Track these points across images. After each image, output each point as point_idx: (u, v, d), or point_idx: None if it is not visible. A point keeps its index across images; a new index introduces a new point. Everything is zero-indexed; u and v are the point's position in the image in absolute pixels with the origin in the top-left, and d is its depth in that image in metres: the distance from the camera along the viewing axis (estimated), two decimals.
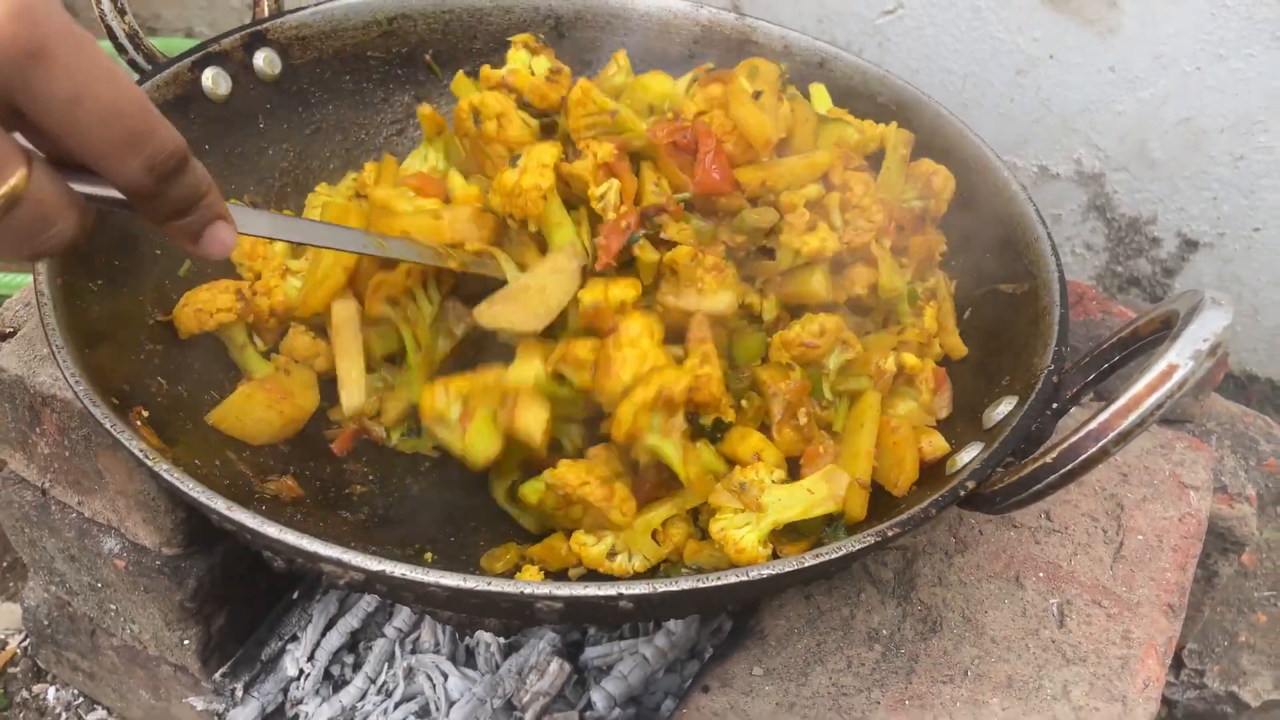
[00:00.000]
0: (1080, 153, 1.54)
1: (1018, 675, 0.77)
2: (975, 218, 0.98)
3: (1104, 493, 0.92)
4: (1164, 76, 1.43)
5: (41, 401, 0.95)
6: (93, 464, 0.97)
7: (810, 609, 0.81)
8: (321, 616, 1.13)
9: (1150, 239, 1.56)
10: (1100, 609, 0.82)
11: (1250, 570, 1.40)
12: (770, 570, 0.62)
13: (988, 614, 0.81)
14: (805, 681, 0.76)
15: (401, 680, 1.11)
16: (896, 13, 1.54)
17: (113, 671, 1.20)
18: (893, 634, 0.80)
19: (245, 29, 1.04)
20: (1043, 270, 0.87)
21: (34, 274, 0.76)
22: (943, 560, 0.85)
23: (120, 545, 1.02)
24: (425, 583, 0.59)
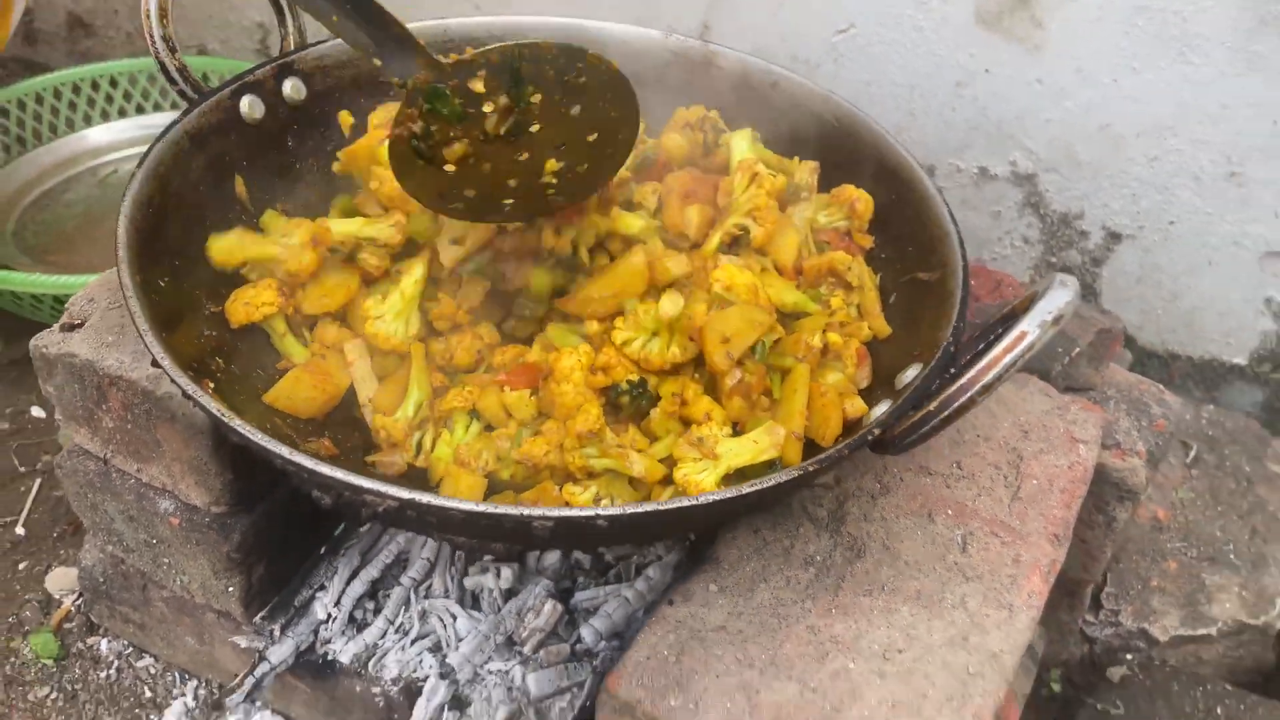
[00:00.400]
0: (1015, 155, 1.71)
1: (925, 590, 0.95)
2: (901, 218, 1.15)
3: (1007, 446, 1.09)
4: (1086, 88, 1.60)
5: (109, 382, 1.12)
6: (152, 435, 1.14)
7: (757, 540, 0.98)
8: (346, 568, 1.30)
9: (1079, 232, 1.74)
10: (996, 538, 1.00)
11: (1165, 524, 1.58)
12: (715, 496, 0.80)
13: (903, 543, 0.99)
14: (751, 596, 0.93)
15: (416, 621, 1.28)
16: (849, 32, 1.71)
17: (161, 621, 1.37)
18: (825, 560, 0.97)
19: (275, 60, 1.21)
20: (950, 260, 1.04)
21: (119, 270, 0.93)
22: (869, 501, 1.03)
23: (174, 505, 1.19)
24: (446, 507, 0.76)
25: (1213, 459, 1.67)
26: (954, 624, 0.92)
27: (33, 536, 1.59)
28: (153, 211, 1.02)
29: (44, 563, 1.55)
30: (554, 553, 1.32)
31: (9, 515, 1.62)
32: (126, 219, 0.97)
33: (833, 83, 1.76)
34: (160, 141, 1.05)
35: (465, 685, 1.22)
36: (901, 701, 0.85)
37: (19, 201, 2.00)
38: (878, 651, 0.89)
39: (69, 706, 1.39)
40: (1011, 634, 0.91)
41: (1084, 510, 1.24)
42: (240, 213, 1.16)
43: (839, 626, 0.91)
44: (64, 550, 1.57)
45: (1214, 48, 1.49)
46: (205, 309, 1.05)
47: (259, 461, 1.14)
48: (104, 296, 1.19)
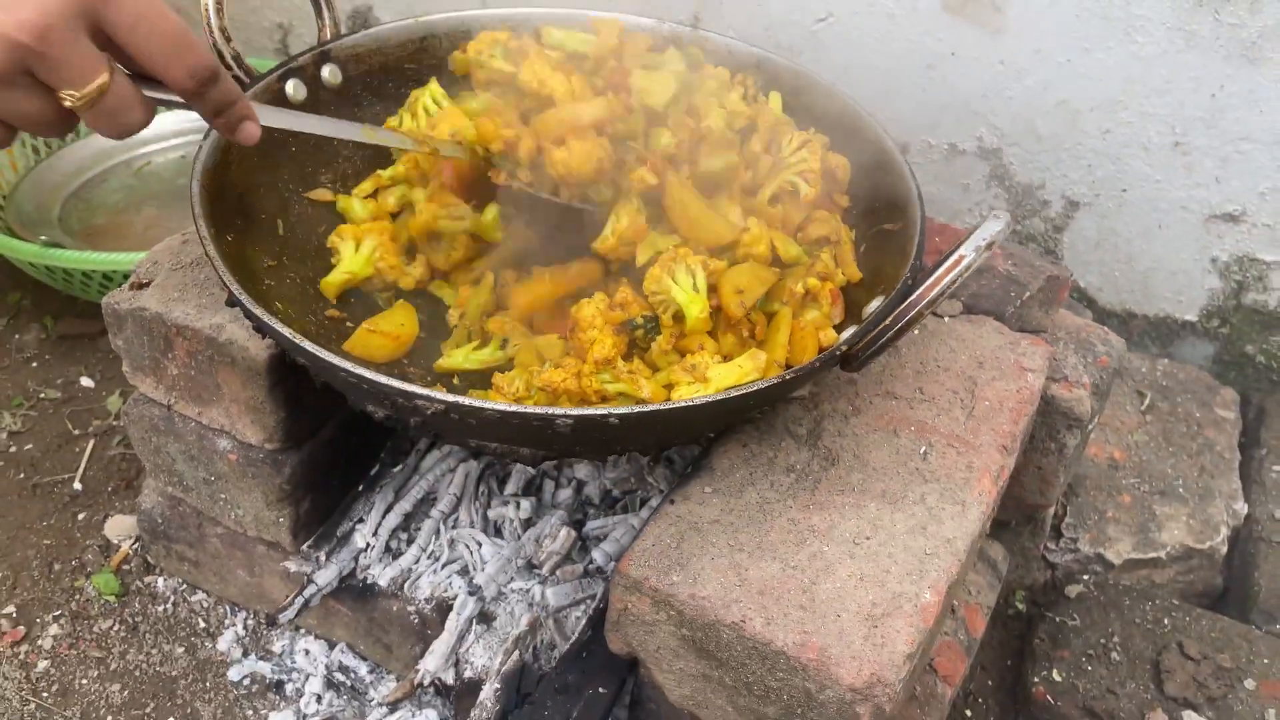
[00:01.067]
0: (981, 131, 1.87)
1: (890, 490, 1.10)
2: (871, 179, 1.31)
3: (964, 376, 1.25)
4: (1043, 67, 1.76)
5: (175, 332, 1.27)
6: (213, 379, 1.29)
7: (746, 453, 1.14)
8: (382, 503, 1.45)
9: (1041, 201, 1.90)
10: (953, 449, 1.15)
11: (1120, 464, 1.73)
12: (706, 399, 0.95)
13: (872, 453, 1.14)
14: (740, 496, 1.09)
15: (446, 549, 1.43)
16: (828, 20, 1.87)
17: (215, 557, 1.52)
18: (804, 468, 1.13)
19: (315, 49, 1.37)
20: (911, 213, 1.19)
21: (195, 223, 1.09)
22: (842, 420, 1.18)
23: (231, 444, 1.35)
24: (484, 408, 0.92)
25: (1166, 406, 1.83)
26: (914, 517, 1.07)
27: (89, 491, 1.74)
28: (217, 178, 1.17)
29: (101, 513, 1.71)
30: (567, 489, 1.48)
31: (66, 472, 1.77)
32: (198, 183, 1.13)
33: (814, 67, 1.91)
34: None
35: (491, 602, 1.37)
36: (868, 575, 1.01)
37: (62, 190, 2.15)
38: (848, 538, 1.04)
39: (131, 636, 1.54)
40: (964, 524, 1.07)
41: (1038, 438, 1.40)
42: (289, 179, 1.31)
43: (815, 519, 1.06)
44: (119, 502, 1.72)
45: (1155, 27, 1.65)
46: (264, 262, 1.21)
47: (308, 403, 1.31)
48: (168, 259, 1.34)
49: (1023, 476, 1.44)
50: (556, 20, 1.48)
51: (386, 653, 1.44)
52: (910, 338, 1.28)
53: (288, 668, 1.48)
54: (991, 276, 1.38)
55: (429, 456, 1.50)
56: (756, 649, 0.97)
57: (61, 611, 1.56)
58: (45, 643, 1.52)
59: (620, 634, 1.08)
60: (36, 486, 1.75)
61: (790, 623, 0.97)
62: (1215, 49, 1.64)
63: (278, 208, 1.28)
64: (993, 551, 1.51)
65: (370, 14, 2.29)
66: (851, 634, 0.96)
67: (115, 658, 1.51)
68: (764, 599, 0.98)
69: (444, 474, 1.48)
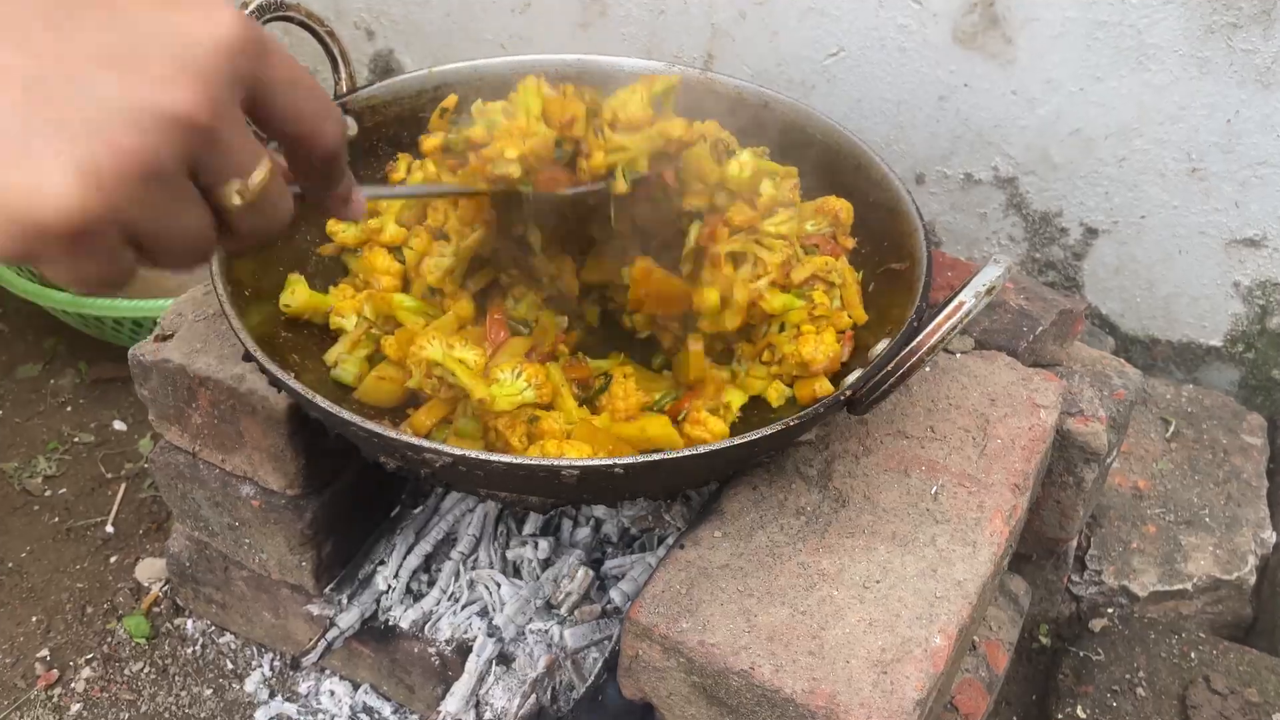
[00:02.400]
0: (996, 161, 1.87)
1: (900, 531, 1.10)
2: (878, 218, 1.32)
3: (976, 413, 1.25)
4: (1055, 96, 1.76)
5: (198, 383, 1.31)
6: (235, 428, 1.32)
7: (756, 495, 1.15)
8: (403, 545, 1.48)
9: (1059, 229, 1.89)
10: (964, 489, 1.15)
11: (1145, 493, 1.72)
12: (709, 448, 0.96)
13: (882, 494, 1.14)
14: (750, 540, 1.09)
15: (466, 589, 1.45)
16: (839, 55, 1.88)
17: (241, 599, 1.55)
18: (814, 510, 1.13)
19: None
20: (916, 252, 1.20)
21: (213, 283, 1.12)
22: (853, 461, 1.19)
23: (254, 490, 1.37)
24: (490, 460, 0.93)
25: (1191, 433, 1.81)
26: (924, 559, 1.07)
27: (121, 534, 1.78)
28: None
29: (132, 556, 1.74)
30: (585, 528, 1.49)
31: (99, 515, 1.81)
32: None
33: (827, 101, 1.93)
34: None
35: (510, 643, 1.39)
36: (878, 620, 1.01)
37: None
38: (858, 581, 1.05)
39: (160, 679, 1.57)
40: (975, 566, 1.07)
41: (1055, 473, 1.39)
42: (305, 232, 1.34)
43: (825, 562, 1.06)
44: (149, 545, 1.76)
45: (1167, 55, 1.65)
46: (281, 316, 1.24)
47: (328, 450, 1.33)
48: (190, 311, 1.38)
49: (1042, 510, 1.43)
50: (567, 66, 1.52)
51: (409, 693, 1.46)
52: (921, 375, 1.28)
53: (313, 709, 1.50)
54: (1004, 311, 1.38)
55: (449, 497, 1.52)
56: (765, 696, 0.97)
57: (94, 654, 1.60)
58: (78, 685, 1.55)
59: (633, 680, 1.09)
60: (70, 530, 1.79)
61: (799, 669, 0.97)
62: (1229, 75, 1.63)
63: (295, 261, 1.32)
64: (1014, 585, 1.50)
65: (392, 57, 2.33)
66: (860, 680, 0.96)
67: (145, 700, 1.54)
68: (773, 645, 0.99)
69: (463, 514, 1.50)
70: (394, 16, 2.27)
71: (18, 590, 1.69)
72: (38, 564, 1.73)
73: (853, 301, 1.24)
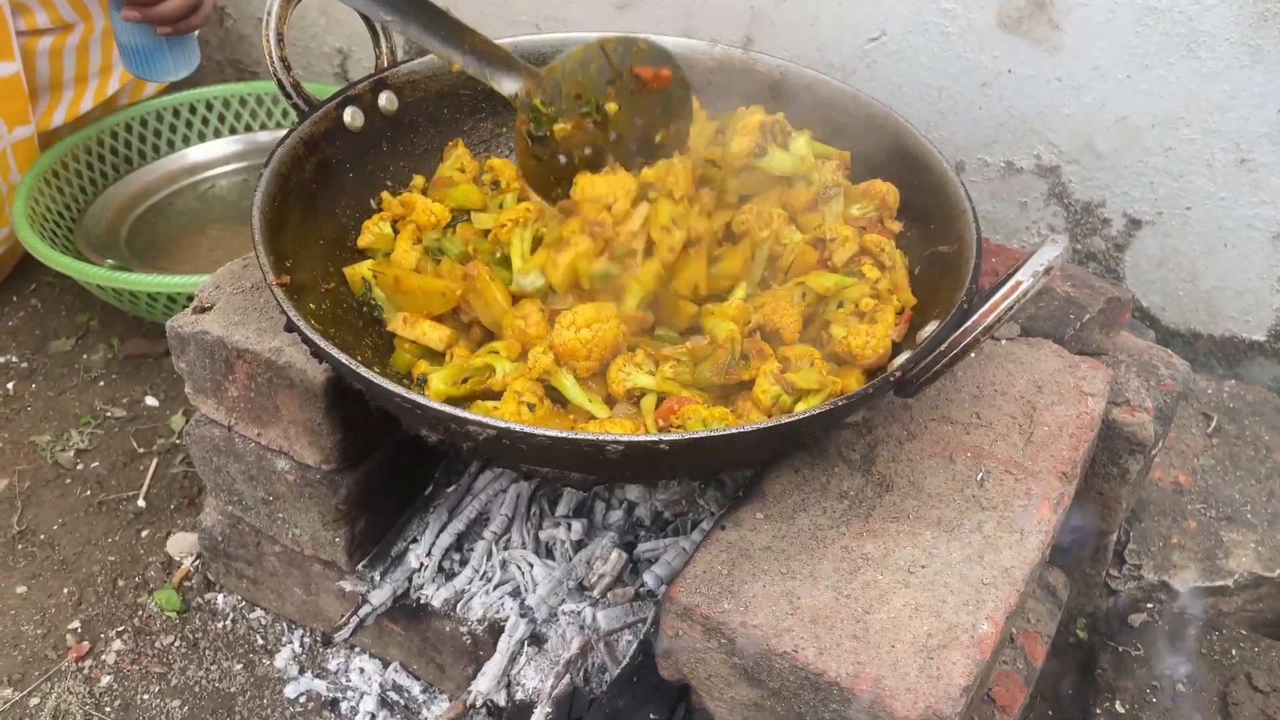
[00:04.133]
0: (1039, 149, 1.84)
1: (945, 517, 1.08)
2: (925, 200, 1.30)
3: (1022, 400, 1.23)
4: (1102, 83, 1.73)
5: (236, 355, 1.30)
6: (271, 401, 1.32)
7: (798, 478, 1.13)
8: (435, 523, 1.47)
9: (1102, 220, 1.86)
10: (1010, 475, 1.13)
11: (1185, 488, 1.69)
12: (756, 426, 0.95)
13: (927, 479, 1.13)
14: (793, 522, 1.08)
15: (498, 569, 1.44)
16: (880, 39, 1.86)
17: (273, 575, 1.55)
18: (857, 493, 1.11)
19: (372, 76, 1.39)
20: (966, 234, 1.18)
21: (256, 253, 1.11)
22: (896, 445, 1.17)
23: (289, 465, 1.37)
24: (534, 434, 0.92)
25: (1233, 429, 1.78)
26: (971, 545, 1.05)
27: (153, 508, 1.79)
28: (277, 206, 1.20)
29: (164, 530, 1.75)
30: (618, 510, 1.48)
31: (131, 490, 1.81)
32: (259, 212, 1.15)
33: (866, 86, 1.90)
34: (281, 146, 1.24)
35: (542, 624, 1.38)
36: (924, 605, 0.99)
37: (129, 212, 2.22)
38: (903, 566, 1.03)
39: (191, 652, 1.57)
40: (1022, 553, 1.05)
41: (1099, 464, 1.37)
42: (346, 205, 1.34)
43: (869, 546, 1.05)
44: (181, 519, 1.76)
45: (1218, 43, 1.62)
46: (321, 286, 1.23)
47: (364, 425, 1.32)
48: (229, 284, 1.37)
49: (1084, 502, 1.41)
50: None
51: (439, 673, 1.45)
52: (967, 361, 1.26)
53: (343, 686, 1.50)
54: (1050, 298, 1.35)
55: (482, 477, 1.51)
56: (809, 679, 0.96)
57: (125, 627, 1.60)
58: (109, 658, 1.56)
59: (671, 660, 1.07)
60: (102, 504, 1.79)
61: (843, 653, 0.95)
62: None
63: (335, 233, 1.31)
64: (1053, 578, 1.47)
65: None
66: (906, 665, 0.95)
67: (176, 673, 1.54)
68: (816, 628, 0.97)
69: (496, 494, 1.49)
70: None
71: (49, 562, 1.69)
72: (69, 536, 1.73)
73: (901, 284, 1.22)
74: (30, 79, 2.05)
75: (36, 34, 2.05)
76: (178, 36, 1.92)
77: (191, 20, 1.89)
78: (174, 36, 1.91)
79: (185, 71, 2.00)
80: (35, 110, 2.09)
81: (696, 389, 1.15)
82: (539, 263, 1.18)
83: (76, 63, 2.12)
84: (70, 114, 2.16)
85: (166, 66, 1.97)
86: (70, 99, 2.15)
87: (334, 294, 1.24)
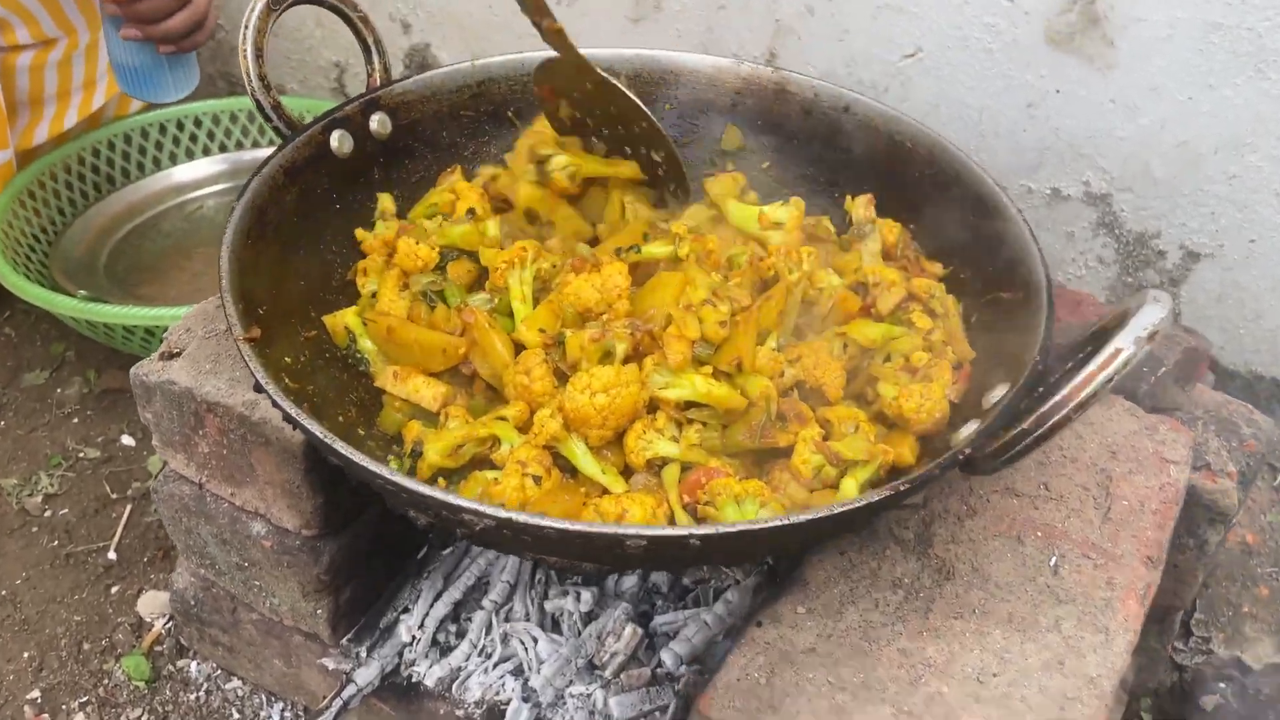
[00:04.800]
0: (1088, 175, 1.70)
1: (1017, 613, 0.94)
2: (981, 238, 1.15)
3: (1095, 467, 1.08)
4: (1160, 105, 1.59)
5: (206, 408, 1.16)
6: (246, 459, 1.18)
7: (844, 562, 0.98)
8: (429, 591, 1.32)
9: (1156, 252, 1.72)
10: (1089, 560, 0.99)
11: (1254, 549, 1.54)
12: (805, 517, 0.80)
13: (993, 565, 0.98)
14: (840, 618, 0.93)
15: (499, 644, 1.29)
16: (916, 56, 1.72)
17: (250, 644, 1.40)
18: (913, 582, 0.97)
19: (362, 96, 1.25)
20: (1033, 278, 1.04)
21: (223, 302, 0.97)
22: (955, 523, 1.02)
23: (266, 529, 1.23)
24: (541, 526, 0.78)
25: None
26: (1048, 647, 0.91)
27: (124, 561, 1.64)
28: (251, 243, 1.06)
29: (135, 586, 1.60)
30: (632, 576, 1.33)
31: (101, 540, 1.67)
32: (229, 250, 1.02)
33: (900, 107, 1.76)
34: (258, 176, 1.10)
35: (547, 709, 1.23)
36: None
37: (110, 236, 2.08)
38: (971, 675, 0.88)
39: None
40: (1109, 658, 0.90)
41: (1174, 533, 1.22)
42: (330, 241, 1.20)
43: (931, 649, 0.90)
44: (154, 575, 1.62)
45: None
46: (300, 335, 1.09)
47: (349, 486, 1.18)
48: (200, 326, 1.23)
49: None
50: (626, 61, 1.37)
51: None
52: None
53: None
54: None
55: None
56: None
57: (89, 697, 1.45)
58: None
59: None
60: (70, 556, 1.65)
61: None
62: None
63: (319, 272, 1.17)
64: None
65: (428, 52, 2.19)
66: None
67: None
68: None
69: (496, 558, 1.35)
70: (431, 8, 2.12)
71: (10, 622, 1.55)
72: (33, 593, 1.59)
73: (956, 335, 1.08)
74: (9, 96, 1.92)
75: (16, 50, 1.92)
76: (179, 55, 1.78)
77: (195, 38, 1.76)
78: (175, 55, 1.77)
79: (186, 90, 1.87)
80: (15, 129, 1.96)
81: (725, 455, 1.01)
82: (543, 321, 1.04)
83: (59, 78, 1.98)
84: (53, 130, 2.02)
85: (166, 86, 1.84)
86: (53, 115, 2.02)
87: (315, 342, 1.10)
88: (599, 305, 1.05)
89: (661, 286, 1.07)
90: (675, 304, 1.05)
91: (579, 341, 1.01)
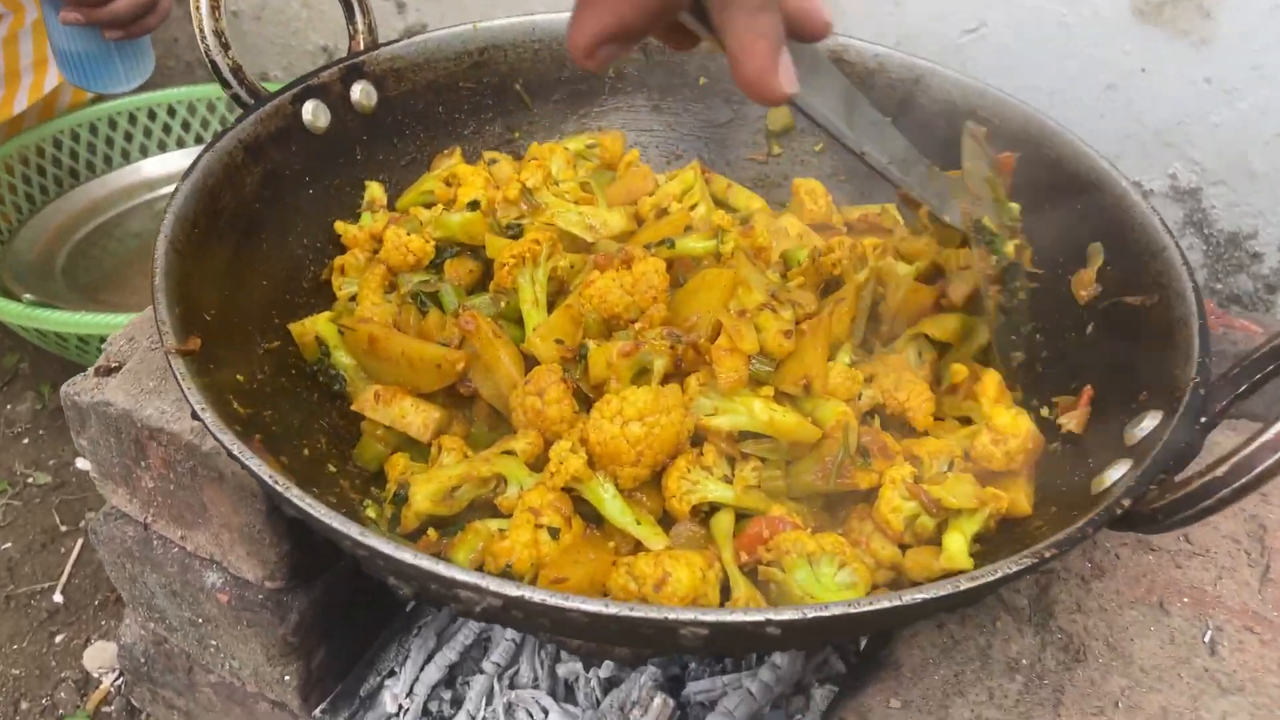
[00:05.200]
0: (1175, 167, 1.49)
1: (1172, 706, 0.73)
2: (1093, 230, 0.95)
3: (1243, 514, 0.87)
4: (1264, 86, 1.38)
5: (149, 435, 0.95)
6: (198, 497, 0.97)
7: (944, 638, 0.77)
8: (419, 651, 1.11)
9: (1251, 254, 1.51)
10: (1253, 635, 0.78)
11: None
12: (918, 597, 0.59)
13: (1134, 642, 0.77)
14: (945, 715, 0.72)
15: (502, 716, 1.08)
16: (979, 31, 1.51)
17: (209, 709, 1.19)
18: (1033, 664, 0.76)
19: (342, 61, 1.05)
20: (1174, 281, 0.83)
21: (154, 302, 0.77)
22: (1080, 586, 0.81)
23: (223, 579, 1.02)
24: (564, 608, 0.57)
25: None
26: None
27: (71, 604, 1.43)
28: (199, 232, 0.85)
29: (82, 635, 1.39)
30: None
31: (48, 580, 1.47)
32: (167, 241, 0.81)
33: None
34: (209, 151, 0.89)
35: None
36: None
37: (70, 236, 1.87)
38: None
39: None
40: None
41: None
42: (302, 233, 0.99)
43: None
44: (104, 621, 1.41)
45: None
46: (258, 346, 0.88)
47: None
48: (145, 336, 1.03)
49: None
50: None
51: None
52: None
53: None
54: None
55: None
56: None
57: None
58: None
59: None
60: (11, 599, 1.44)
61: None
62: None
63: (286, 271, 0.96)
64: None
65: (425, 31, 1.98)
66: None
67: None
68: None
69: None
70: None
71: None
72: None
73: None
74: None
75: None
76: (129, 40, 1.58)
77: (146, 21, 1.56)
78: (125, 41, 1.57)
79: (138, 81, 1.67)
80: None
81: (790, 500, 0.80)
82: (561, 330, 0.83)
83: (5, 57, 1.78)
84: (2, 115, 1.82)
85: (115, 76, 1.63)
86: (0, 98, 1.82)
87: (278, 356, 0.89)
88: (630, 310, 0.85)
89: (706, 287, 0.86)
90: (725, 309, 0.84)
91: (605, 356, 0.81)
